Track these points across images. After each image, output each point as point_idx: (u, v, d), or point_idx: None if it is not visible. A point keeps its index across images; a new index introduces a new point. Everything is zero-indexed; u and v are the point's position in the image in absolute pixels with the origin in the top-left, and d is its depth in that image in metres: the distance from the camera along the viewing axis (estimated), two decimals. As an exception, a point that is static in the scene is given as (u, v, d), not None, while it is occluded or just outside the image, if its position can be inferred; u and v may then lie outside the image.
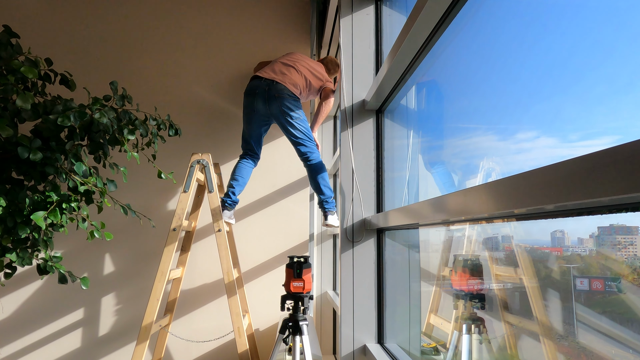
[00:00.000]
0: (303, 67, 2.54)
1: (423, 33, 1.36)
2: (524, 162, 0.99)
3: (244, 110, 2.53)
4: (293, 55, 2.62)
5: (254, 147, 2.56)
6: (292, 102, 2.43)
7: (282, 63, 2.54)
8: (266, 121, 2.53)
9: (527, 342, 1.15)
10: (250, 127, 2.52)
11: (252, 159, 2.58)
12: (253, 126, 2.51)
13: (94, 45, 2.97)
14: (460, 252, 1.46)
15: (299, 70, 2.51)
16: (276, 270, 2.94)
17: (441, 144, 1.56)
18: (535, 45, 0.97)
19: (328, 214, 2.45)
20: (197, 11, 3.08)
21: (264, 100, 2.42)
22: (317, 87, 2.57)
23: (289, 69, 2.50)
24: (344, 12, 2.03)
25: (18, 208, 1.56)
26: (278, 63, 2.54)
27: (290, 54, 2.63)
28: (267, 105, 2.42)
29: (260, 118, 2.49)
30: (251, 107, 2.46)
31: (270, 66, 2.53)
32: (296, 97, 2.46)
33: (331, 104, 2.60)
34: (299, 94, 2.49)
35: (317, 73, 2.57)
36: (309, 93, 2.58)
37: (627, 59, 0.70)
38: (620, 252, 0.76)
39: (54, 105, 1.57)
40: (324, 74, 2.62)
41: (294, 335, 1.83)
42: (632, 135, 0.66)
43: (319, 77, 2.58)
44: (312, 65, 2.59)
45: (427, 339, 1.78)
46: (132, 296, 2.82)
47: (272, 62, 2.61)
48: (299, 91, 2.49)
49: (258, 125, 2.51)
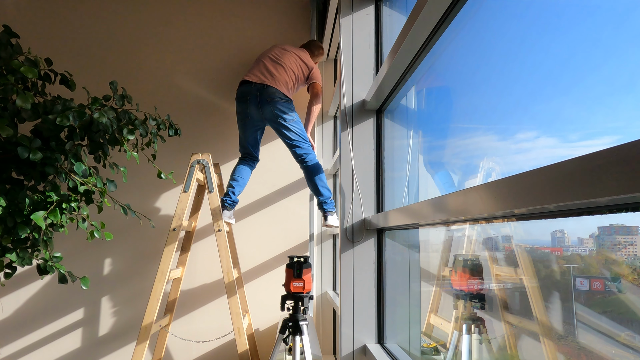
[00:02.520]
0: (290, 61, 2.54)
1: (423, 33, 1.36)
2: (524, 162, 0.99)
3: (238, 117, 2.53)
4: (277, 49, 2.59)
5: (252, 151, 2.57)
6: (285, 105, 2.42)
7: (270, 60, 2.51)
8: (260, 125, 2.53)
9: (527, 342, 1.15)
10: (246, 133, 2.52)
11: (252, 161, 2.60)
12: (248, 132, 2.52)
13: (94, 45, 2.97)
14: (460, 252, 1.45)
15: (287, 67, 2.50)
16: (276, 270, 2.94)
17: (441, 144, 1.56)
18: (535, 45, 0.97)
19: (328, 215, 2.46)
20: (197, 11, 3.07)
21: (256, 106, 2.41)
22: (305, 75, 2.59)
23: (277, 67, 2.48)
24: (344, 12, 2.03)
25: (18, 208, 1.56)
26: (265, 61, 2.52)
27: (274, 48, 2.60)
28: (259, 110, 2.42)
29: (254, 123, 2.49)
30: (244, 113, 2.46)
31: (257, 67, 2.50)
32: (288, 99, 2.46)
33: (320, 102, 2.61)
34: (290, 93, 2.50)
35: (303, 64, 2.58)
36: (299, 85, 2.60)
37: (627, 59, 0.70)
38: (620, 252, 0.76)
39: (54, 105, 1.57)
40: (310, 61, 2.63)
41: (294, 335, 1.83)
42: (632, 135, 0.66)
43: (307, 64, 2.59)
44: (298, 55, 2.59)
45: (427, 339, 1.78)
46: (132, 296, 2.82)
47: (258, 60, 2.57)
48: (290, 89, 2.49)
49: (253, 130, 2.52)
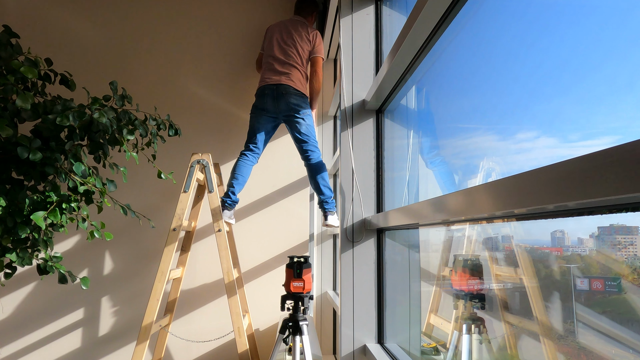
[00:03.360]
0: (297, 52, 2.60)
1: (423, 33, 1.36)
2: (524, 162, 0.99)
3: (253, 109, 2.61)
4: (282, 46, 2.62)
5: (258, 142, 2.59)
6: (299, 99, 2.53)
7: (279, 62, 2.59)
8: (274, 119, 2.59)
9: (527, 342, 1.15)
10: (259, 124, 2.59)
11: (254, 154, 2.58)
12: (261, 123, 2.59)
13: (94, 45, 2.97)
14: (460, 252, 1.45)
15: (295, 62, 2.59)
16: (276, 270, 2.94)
17: (441, 144, 1.56)
18: (535, 45, 0.97)
19: (328, 214, 2.46)
20: (197, 11, 3.07)
21: (273, 98, 2.53)
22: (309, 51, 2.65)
23: (288, 67, 2.57)
24: (344, 12, 2.03)
25: (18, 208, 1.56)
26: (274, 63, 2.59)
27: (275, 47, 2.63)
28: (275, 102, 2.53)
29: (269, 115, 2.57)
30: (261, 106, 2.57)
31: (270, 68, 2.59)
32: (302, 94, 2.56)
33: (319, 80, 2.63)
34: (304, 88, 2.60)
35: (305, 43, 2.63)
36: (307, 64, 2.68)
37: (627, 59, 0.70)
38: (620, 252, 0.76)
39: (54, 105, 1.57)
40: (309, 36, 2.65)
41: (294, 335, 1.82)
42: (632, 135, 0.66)
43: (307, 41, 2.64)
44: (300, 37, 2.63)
45: (427, 339, 1.78)
46: (132, 296, 2.82)
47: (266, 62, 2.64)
48: (304, 85, 2.60)
49: (266, 121, 2.59)
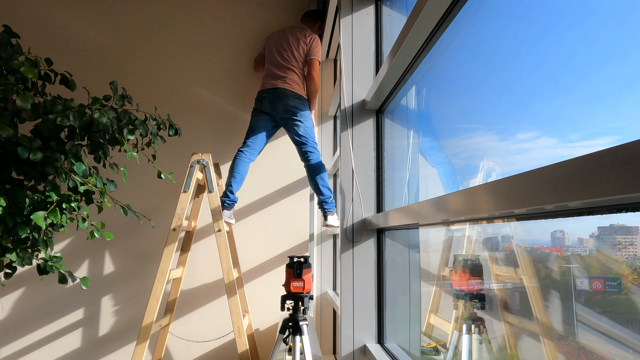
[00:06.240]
0: (293, 55, 2.62)
1: (423, 33, 1.36)
2: (524, 162, 0.99)
3: (253, 112, 2.66)
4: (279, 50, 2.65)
5: (256, 139, 2.60)
6: (297, 101, 2.55)
7: (277, 66, 2.62)
8: (272, 120, 2.62)
9: (527, 342, 1.15)
10: (257, 123, 2.62)
11: (250, 150, 2.57)
12: (260, 122, 2.62)
13: (94, 45, 2.97)
14: (460, 252, 1.45)
15: (292, 65, 2.61)
16: (276, 270, 2.94)
17: (441, 144, 1.56)
18: (535, 45, 0.97)
19: (328, 214, 2.46)
20: (197, 11, 3.07)
21: (270, 101, 2.57)
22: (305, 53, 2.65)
23: (285, 71, 2.60)
24: (344, 12, 2.03)
25: (18, 208, 1.56)
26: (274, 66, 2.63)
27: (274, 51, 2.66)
28: (273, 105, 2.56)
29: (267, 117, 2.61)
30: (260, 109, 2.62)
31: (268, 73, 2.64)
32: (300, 96, 2.58)
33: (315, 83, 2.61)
34: (302, 90, 2.61)
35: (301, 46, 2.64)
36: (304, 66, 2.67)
37: (627, 59, 0.70)
38: (620, 252, 0.76)
39: (54, 105, 1.57)
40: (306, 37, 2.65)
41: (294, 335, 1.82)
42: (632, 135, 0.66)
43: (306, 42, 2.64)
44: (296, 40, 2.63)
45: (427, 339, 1.78)
46: (132, 296, 2.82)
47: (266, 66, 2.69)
48: (301, 86, 2.61)
49: (266, 121, 2.62)
